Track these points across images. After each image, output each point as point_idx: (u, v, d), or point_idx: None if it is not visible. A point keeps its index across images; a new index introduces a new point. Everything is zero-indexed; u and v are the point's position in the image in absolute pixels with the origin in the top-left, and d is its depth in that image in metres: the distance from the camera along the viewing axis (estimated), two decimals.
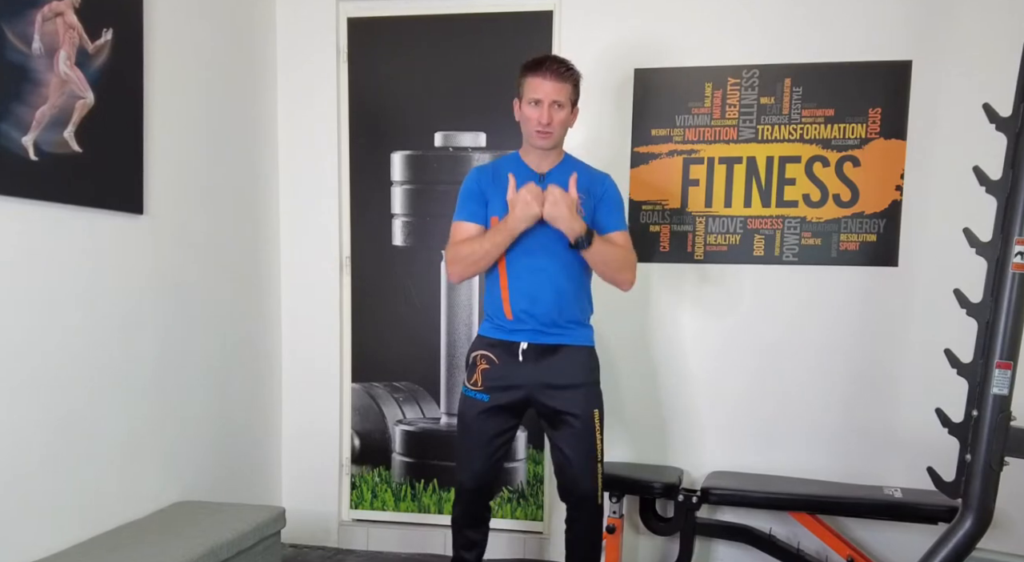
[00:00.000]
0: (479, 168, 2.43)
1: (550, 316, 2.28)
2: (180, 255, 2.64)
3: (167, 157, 2.54)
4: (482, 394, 2.32)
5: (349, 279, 3.30)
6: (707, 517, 2.87)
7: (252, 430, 3.14)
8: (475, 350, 2.37)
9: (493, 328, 2.35)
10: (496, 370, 2.31)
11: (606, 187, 2.37)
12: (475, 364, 2.35)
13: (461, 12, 3.14)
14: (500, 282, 2.32)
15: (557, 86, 2.24)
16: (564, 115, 2.28)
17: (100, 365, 2.28)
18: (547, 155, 2.35)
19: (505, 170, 2.33)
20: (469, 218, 2.33)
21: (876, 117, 2.82)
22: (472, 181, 2.37)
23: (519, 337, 2.30)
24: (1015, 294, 1.97)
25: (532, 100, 2.27)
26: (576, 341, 2.33)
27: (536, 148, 2.33)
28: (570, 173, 2.29)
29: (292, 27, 3.21)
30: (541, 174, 2.33)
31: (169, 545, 2.16)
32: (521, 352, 2.29)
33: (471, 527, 2.44)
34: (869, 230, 2.84)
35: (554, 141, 2.31)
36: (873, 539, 2.86)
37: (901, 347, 2.84)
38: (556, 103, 2.25)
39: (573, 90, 2.29)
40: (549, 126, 2.25)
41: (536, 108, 2.26)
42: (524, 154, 2.39)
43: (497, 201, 2.29)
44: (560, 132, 2.30)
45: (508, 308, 2.30)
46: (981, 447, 2.00)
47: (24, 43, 1.96)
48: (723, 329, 2.97)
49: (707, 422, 2.99)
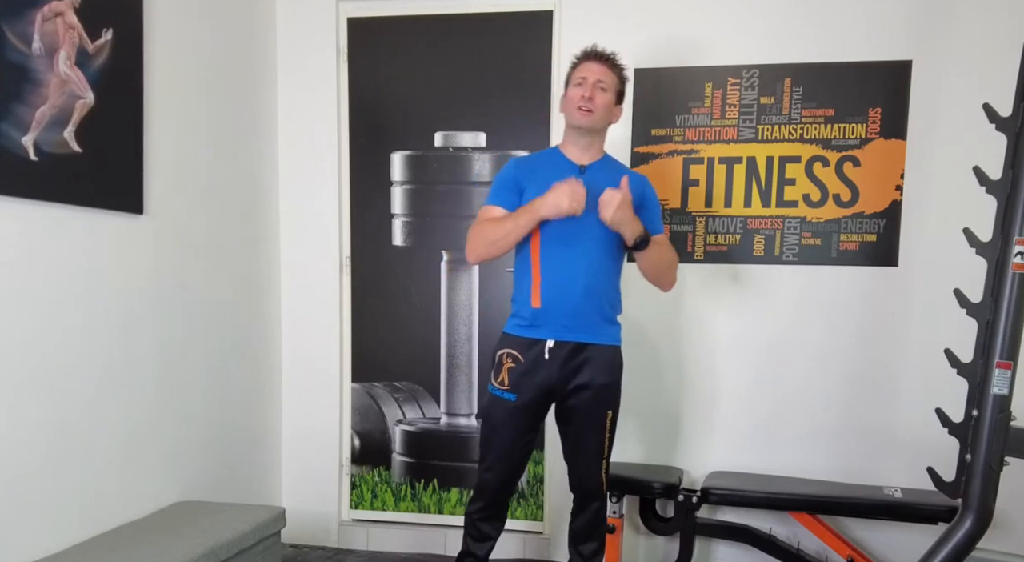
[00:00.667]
0: (518, 159, 2.43)
1: (579, 310, 2.25)
2: (180, 255, 2.64)
3: (167, 157, 2.54)
4: (509, 394, 2.30)
5: (349, 279, 3.30)
6: (707, 517, 2.87)
7: (252, 430, 3.14)
8: (501, 348, 2.34)
9: (519, 326, 2.32)
10: (522, 369, 2.29)
11: (648, 190, 2.39)
12: (501, 363, 2.33)
13: (461, 12, 3.14)
14: (532, 270, 2.28)
15: (602, 68, 2.28)
16: (607, 99, 2.28)
17: (100, 365, 2.28)
18: (588, 147, 2.33)
19: (544, 163, 2.35)
20: (499, 203, 2.31)
21: (876, 117, 2.82)
22: (510, 169, 2.36)
23: (545, 334, 2.27)
24: (1015, 294, 1.97)
25: (577, 80, 2.29)
26: (603, 340, 2.31)
27: (575, 127, 2.31)
28: (610, 168, 2.34)
29: (292, 27, 3.21)
30: (581, 167, 2.32)
31: (169, 545, 2.16)
32: (547, 351, 2.27)
33: (488, 521, 2.44)
34: (869, 230, 2.84)
35: (593, 121, 2.28)
36: (873, 539, 2.86)
37: (901, 347, 2.84)
38: (600, 84, 2.26)
39: (618, 81, 2.32)
40: (591, 102, 2.24)
41: (579, 86, 2.27)
42: (564, 147, 2.38)
43: (534, 191, 2.25)
44: (601, 115, 2.28)
45: (537, 296, 2.26)
46: (981, 447, 2.01)
47: (24, 43, 1.96)
48: (723, 329, 2.97)
49: (707, 422, 2.99)
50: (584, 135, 2.32)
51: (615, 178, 2.26)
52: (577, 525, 2.46)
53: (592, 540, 2.45)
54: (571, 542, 2.48)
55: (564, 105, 2.35)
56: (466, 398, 3.27)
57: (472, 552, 2.45)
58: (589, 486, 2.39)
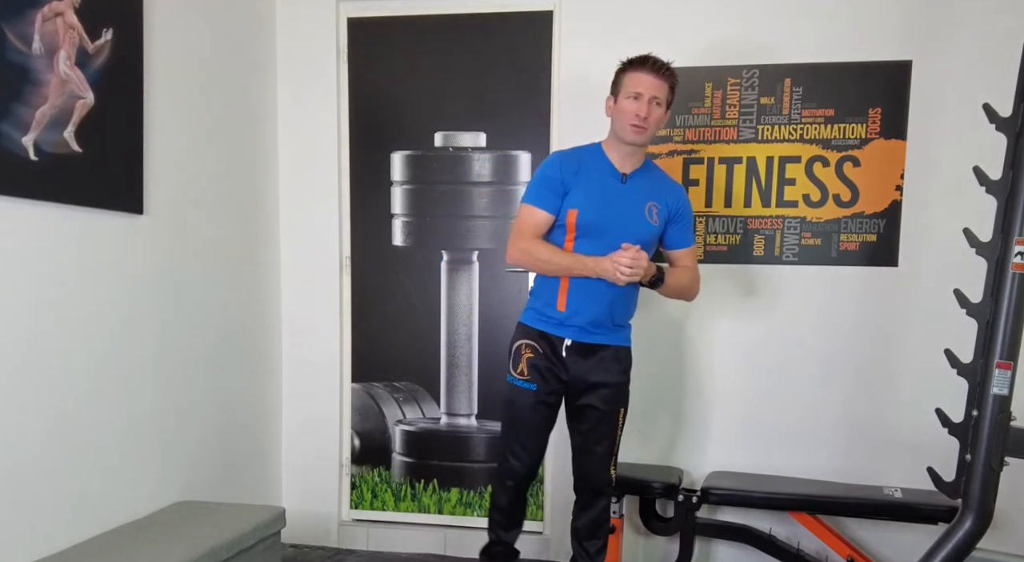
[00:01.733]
0: (562, 154, 2.41)
1: (601, 317, 2.32)
2: (180, 255, 2.64)
3: (167, 157, 2.54)
4: (530, 384, 2.35)
5: (349, 279, 3.30)
6: (707, 517, 2.87)
7: (252, 430, 3.14)
8: (519, 339, 2.39)
9: (538, 319, 2.36)
10: (540, 360, 2.35)
11: (684, 203, 2.42)
12: (520, 353, 2.37)
13: (461, 12, 3.14)
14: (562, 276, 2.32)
15: (658, 82, 2.26)
16: (660, 113, 2.29)
17: (100, 365, 2.28)
18: (632, 154, 2.34)
19: (589, 163, 2.34)
20: (542, 205, 2.31)
21: (876, 117, 2.82)
22: (554, 168, 2.33)
23: (565, 333, 2.33)
24: (1015, 294, 1.97)
25: (633, 93, 2.26)
26: (617, 341, 2.38)
27: (627, 143, 2.31)
28: (651, 175, 2.39)
29: (292, 27, 3.21)
30: (624, 174, 2.34)
31: (169, 545, 2.16)
32: (565, 348, 2.33)
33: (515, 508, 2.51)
34: (869, 230, 2.84)
35: (646, 138, 2.30)
36: (873, 539, 2.86)
37: (901, 347, 2.84)
38: (655, 99, 2.26)
39: (671, 91, 2.31)
40: (646, 121, 2.25)
41: (636, 101, 2.25)
42: (607, 149, 2.36)
43: (577, 194, 2.28)
44: (654, 130, 2.31)
45: (563, 301, 2.31)
46: (981, 447, 2.01)
47: (24, 43, 1.96)
48: (723, 329, 2.97)
49: (707, 422, 2.99)
50: (632, 145, 2.32)
51: (653, 187, 2.35)
52: (581, 523, 2.47)
53: (597, 538, 2.47)
54: (575, 539, 2.49)
55: (613, 114, 2.32)
56: (466, 398, 3.27)
57: (503, 540, 2.55)
58: (597, 483, 2.42)
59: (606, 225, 2.27)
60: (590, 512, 2.45)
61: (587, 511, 2.46)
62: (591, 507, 2.45)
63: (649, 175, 2.39)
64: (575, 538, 2.49)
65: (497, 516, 2.54)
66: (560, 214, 2.30)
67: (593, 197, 2.28)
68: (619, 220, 2.28)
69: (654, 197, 2.34)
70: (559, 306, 2.32)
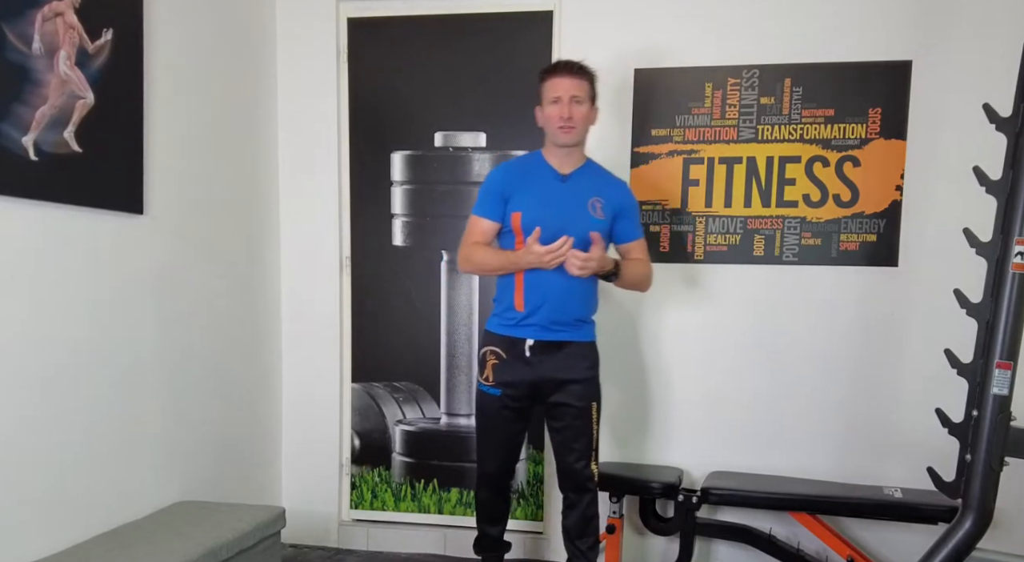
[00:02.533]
0: (504, 166, 2.53)
1: (559, 313, 2.38)
2: (180, 255, 2.64)
3: (167, 157, 2.54)
4: (495, 389, 2.44)
5: (349, 279, 3.30)
6: (707, 517, 2.87)
7: (252, 430, 3.14)
8: (484, 346, 2.48)
9: (501, 324, 2.45)
10: (505, 365, 2.42)
11: (627, 197, 2.50)
12: (485, 360, 2.46)
13: (461, 12, 3.14)
14: (515, 275, 2.39)
15: (574, 82, 2.34)
16: (584, 110, 2.37)
17: (100, 365, 2.28)
18: (570, 155, 2.43)
19: (529, 169, 2.45)
20: (486, 214, 2.43)
21: (876, 117, 2.82)
22: (495, 180, 2.45)
23: (526, 333, 2.40)
24: (1015, 294, 1.97)
25: (553, 98, 2.36)
26: (580, 337, 2.44)
27: (560, 146, 2.40)
28: (592, 174, 2.46)
29: (292, 27, 3.21)
30: (564, 175, 2.42)
31: (169, 545, 2.16)
32: (528, 349, 2.39)
33: (495, 506, 2.63)
34: (869, 230, 2.84)
35: (576, 136, 2.38)
36: (873, 539, 2.86)
37: (901, 347, 2.84)
38: (575, 98, 2.34)
39: (590, 87, 2.39)
40: (571, 120, 2.34)
41: (556, 105, 2.35)
42: (547, 154, 2.46)
43: (519, 199, 2.38)
44: (582, 128, 2.39)
45: (520, 300, 2.39)
46: (981, 447, 2.01)
47: (24, 43, 1.96)
48: (722, 329, 2.97)
49: (707, 422, 2.99)
50: (566, 146, 2.41)
51: (596, 184, 2.44)
52: (570, 522, 2.50)
53: (588, 535, 2.50)
54: (567, 539, 2.53)
55: (543, 122, 2.43)
56: (466, 398, 3.26)
57: (488, 533, 2.67)
58: (579, 480, 2.45)
59: (549, 223, 2.32)
60: (576, 510, 2.47)
61: (573, 509, 2.48)
62: (576, 505, 2.47)
63: (591, 173, 2.47)
64: (567, 538, 2.53)
65: (481, 511, 2.66)
66: (506, 220, 2.40)
67: (534, 198, 2.38)
68: (562, 217, 2.34)
69: (597, 193, 2.41)
70: (517, 306, 2.39)
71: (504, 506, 2.66)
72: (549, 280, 2.34)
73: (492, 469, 2.55)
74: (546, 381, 2.40)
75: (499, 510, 2.65)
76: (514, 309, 2.40)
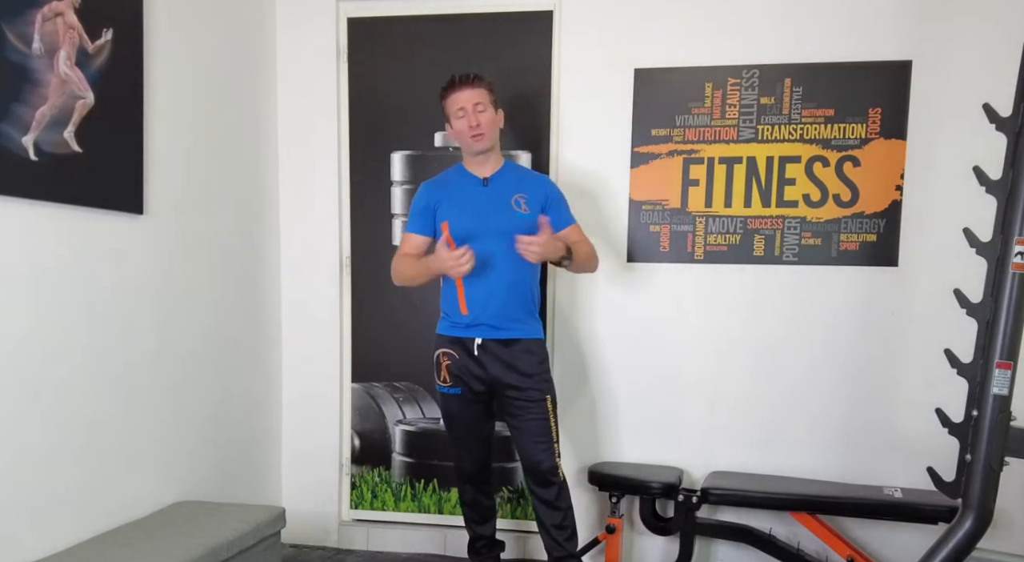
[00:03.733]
0: (427, 183, 2.64)
1: (503, 312, 2.47)
2: (180, 255, 2.64)
3: (167, 157, 2.54)
4: (453, 389, 2.55)
5: (349, 279, 3.30)
6: (707, 517, 2.87)
7: (252, 430, 3.14)
8: (437, 349, 2.57)
9: (450, 326, 2.55)
10: (458, 365, 2.52)
11: (550, 188, 2.61)
12: (439, 362, 2.56)
13: (461, 12, 3.14)
14: (456, 281, 2.47)
15: (473, 92, 2.47)
16: (489, 116, 2.49)
17: (100, 365, 2.28)
18: (487, 160, 2.55)
19: (451, 180, 2.59)
20: (415, 230, 2.58)
21: (876, 117, 2.82)
22: (421, 197, 2.59)
23: (474, 333, 2.49)
24: (1015, 294, 1.97)
25: (457, 113, 2.48)
26: (527, 335, 2.52)
27: (476, 153, 2.52)
28: (511, 177, 2.56)
29: (292, 27, 3.21)
30: (484, 179, 2.54)
31: (169, 545, 2.16)
32: (476, 347, 2.48)
33: (479, 503, 2.71)
34: (869, 230, 2.84)
35: (488, 142, 2.50)
36: (873, 539, 2.86)
37: (901, 347, 2.84)
38: (478, 107, 2.46)
39: (489, 93, 2.50)
40: (479, 127, 2.46)
41: (463, 118, 2.47)
42: (467, 164, 2.59)
43: (445, 208, 2.51)
44: (492, 132, 2.50)
45: (464, 305, 2.49)
46: (981, 447, 2.01)
47: (24, 43, 1.96)
48: (723, 329, 2.97)
49: (707, 422, 2.99)
50: (482, 153, 2.52)
51: (517, 183, 2.54)
52: (542, 514, 2.52)
53: (563, 527, 2.51)
54: (544, 532, 2.54)
55: (455, 137, 2.55)
56: None
57: (481, 535, 2.75)
58: (543, 470, 2.48)
59: (476, 226, 2.45)
60: (545, 502, 2.51)
61: (542, 503, 2.51)
62: (544, 497, 2.51)
63: (511, 173, 2.58)
64: (543, 532, 2.54)
65: (467, 512, 2.75)
66: (437, 231, 2.51)
67: (458, 205, 2.51)
68: (488, 218, 2.46)
69: (519, 190, 2.52)
70: (462, 310, 2.49)
71: (489, 502, 2.74)
72: (488, 283, 2.44)
73: (469, 467, 2.65)
74: (496, 379, 2.48)
75: (484, 507, 2.72)
76: (459, 313, 2.50)
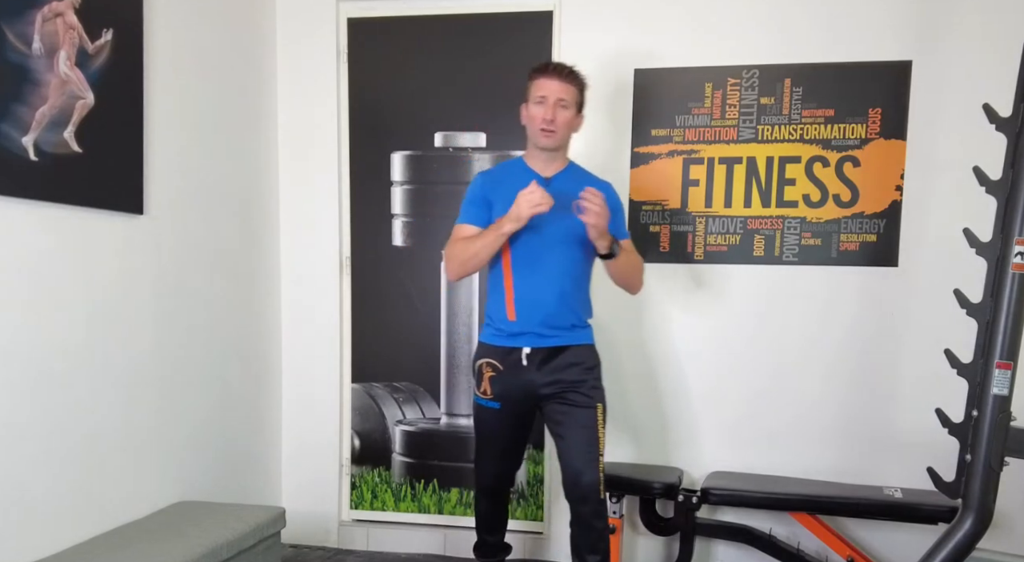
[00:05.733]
0: (484, 173, 2.47)
1: (552, 318, 2.32)
2: (180, 255, 2.64)
3: (167, 157, 2.54)
4: (493, 402, 2.38)
5: (349, 279, 3.30)
6: (707, 517, 2.87)
7: (252, 430, 3.14)
8: (479, 358, 2.42)
9: (495, 334, 2.38)
10: (502, 377, 2.35)
11: (613, 199, 2.40)
12: (481, 373, 2.40)
13: (461, 12, 3.14)
14: (504, 283, 2.34)
15: (562, 86, 2.29)
16: (568, 116, 2.31)
17: (100, 365, 2.28)
18: (552, 159, 2.38)
19: (510, 174, 2.39)
20: (469, 221, 2.37)
21: (876, 117, 2.82)
22: (477, 186, 2.40)
23: (521, 342, 2.33)
24: (1015, 294, 1.97)
25: (538, 98, 2.30)
26: (577, 341, 2.37)
27: (540, 148, 2.35)
28: (575, 178, 2.36)
29: (292, 27, 3.21)
30: (546, 178, 2.36)
31: (169, 545, 2.16)
32: (525, 357, 2.33)
33: (494, 515, 2.61)
34: (869, 230, 2.84)
35: (557, 141, 2.33)
36: (873, 539, 2.86)
37: (901, 347, 2.84)
38: (561, 102, 2.28)
39: (579, 93, 2.33)
40: (553, 124, 2.28)
41: (541, 106, 2.29)
42: (528, 158, 2.41)
43: (502, 204, 2.29)
44: (564, 133, 2.33)
45: (512, 310, 2.33)
46: (981, 447, 2.01)
47: (24, 43, 1.96)
48: (723, 329, 2.97)
49: (707, 422, 2.99)
50: (547, 150, 2.36)
51: (579, 186, 2.30)
52: (577, 535, 2.38)
53: (596, 552, 2.36)
54: (575, 553, 2.41)
55: (526, 120, 2.37)
56: (466, 398, 3.26)
57: (487, 541, 2.65)
58: (584, 486, 2.33)
59: (535, 226, 2.25)
60: (582, 524, 2.36)
61: (579, 523, 2.36)
62: (581, 517, 2.35)
63: (574, 176, 2.40)
64: (575, 553, 2.41)
65: (480, 522, 2.63)
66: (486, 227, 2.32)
67: None
68: (545, 220, 2.25)
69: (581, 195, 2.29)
70: (509, 316, 2.34)
71: (503, 515, 2.64)
72: (539, 289, 2.31)
73: (491, 482, 2.52)
74: (545, 388, 2.33)
75: (498, 519, 2.63)
76: (507, 320, 2.35)
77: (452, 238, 2.39)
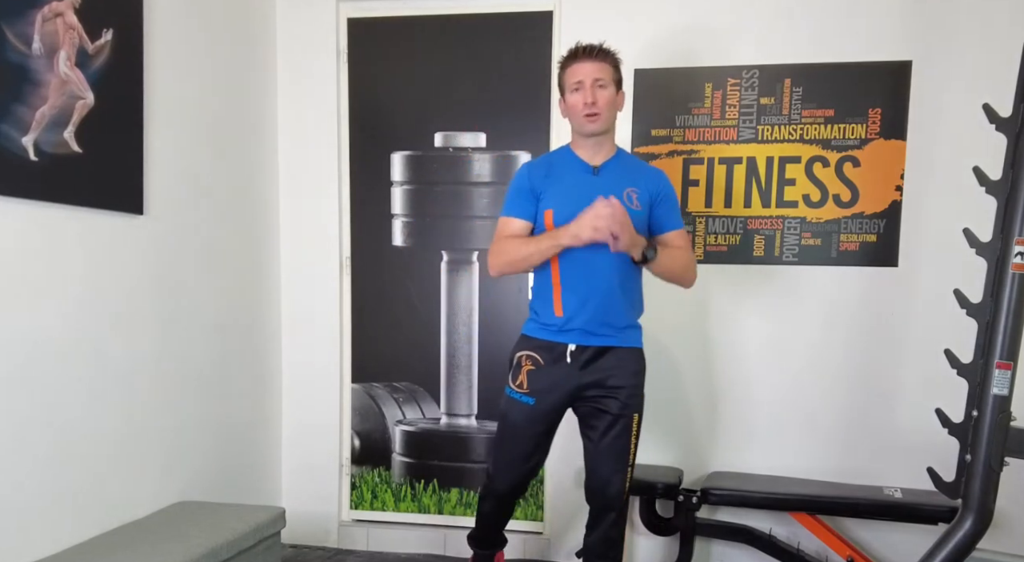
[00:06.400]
0: (530, 164, 2.36)
1: (601, 316, 2.23)
2: (180, 255, 2.64)
3: (167, 157, 2.54)
4: (528, 397, 2.27)
5: (349, 279, 3.30)
6: (707, 517, 2.87)
7: (252, 430, 3.14)
8: (520, 350, 2.32)
9: (540, 328, 2.29)
10: (541, 372, 2.26)
11: (664, 185, 2.31)
12: (520, 365, 2.30)
13: (461, 12, 3.14)
14: (552, 279, 2.25)
15: (596, 65, 2.19)
16: (609, 95, 2.21)
17: (100, 365, 2.28)
18: (600, 146, 2.28)
19: (558, 165, 2.30)
20: (516, 214, 2.27)
21: (876, 117, 2.82)
22: (523, 177, 2.30)
23: (567, 338, 2.24)
24: (1015, 294, 1.97)
25: (573, 85, 2.21)
26: (625, 343, 2.27)
27: (587, 135, 2.26)
28: (624, 167, 2.29)
29: (292, 27, 3.21)
30: (595, 167, 2.28)
31: (169, 545, 2.16)
32: (569, 354, 2.24)
33: (498, 516, 2.49)
34: (869, 230, 2.84)
35: (604, 124, 2.23)
36: (873, 539, 2.86)
37: (901, 347, 2.84)
38: (598, 82, 2.19)
39: (614, 70, 2.23)
40: (595, 106, 2.19)
41: (578, 92, 2.20)
42: (575, 147, 2.31)
43: (550, 195, 2.23)
44: (608, 114, 2.23)
45: (559, 306, 2.24)
46: (981, 447, 2.01)
47: (24, 43, 1.96)
48: (722, 329, 2.97)
49: (707, 422, 2.99)
50: (593, 136, 2.26)
51: (631, 173, 2.27)
52: (592, 540, 2.34)
53: (608, 558, 2.32)
54: (585, 553, 2.37)
55: (567, 112, 2.28)
56: (466, 398, 3.26)
57: (485, 536, 2.57)
58: (610, 495, 2.27)
59: None
60: (599, 529, 2.30)
61: (596, 527, 2.31)
62: (599, 522, 2.30)
63: (623, 163, 2.32)
64: (585, 554, 2.36)
65: (480, 518, 2.52)
66: (538, 220, 2.26)
67: (566, 194, 2.22)
68: None
69: (632, 183, 2.25)
70: (556, 311, 2.25)
71: (509, 514, 2.51)
72: (589, 282, 2.21)
73: (503, 486, 2.38)
74: (586, 388, 2.24)
75: (503, 519, 2.51)
76: (553, 314, 2.25)
77: (499, 232, 2.29)
